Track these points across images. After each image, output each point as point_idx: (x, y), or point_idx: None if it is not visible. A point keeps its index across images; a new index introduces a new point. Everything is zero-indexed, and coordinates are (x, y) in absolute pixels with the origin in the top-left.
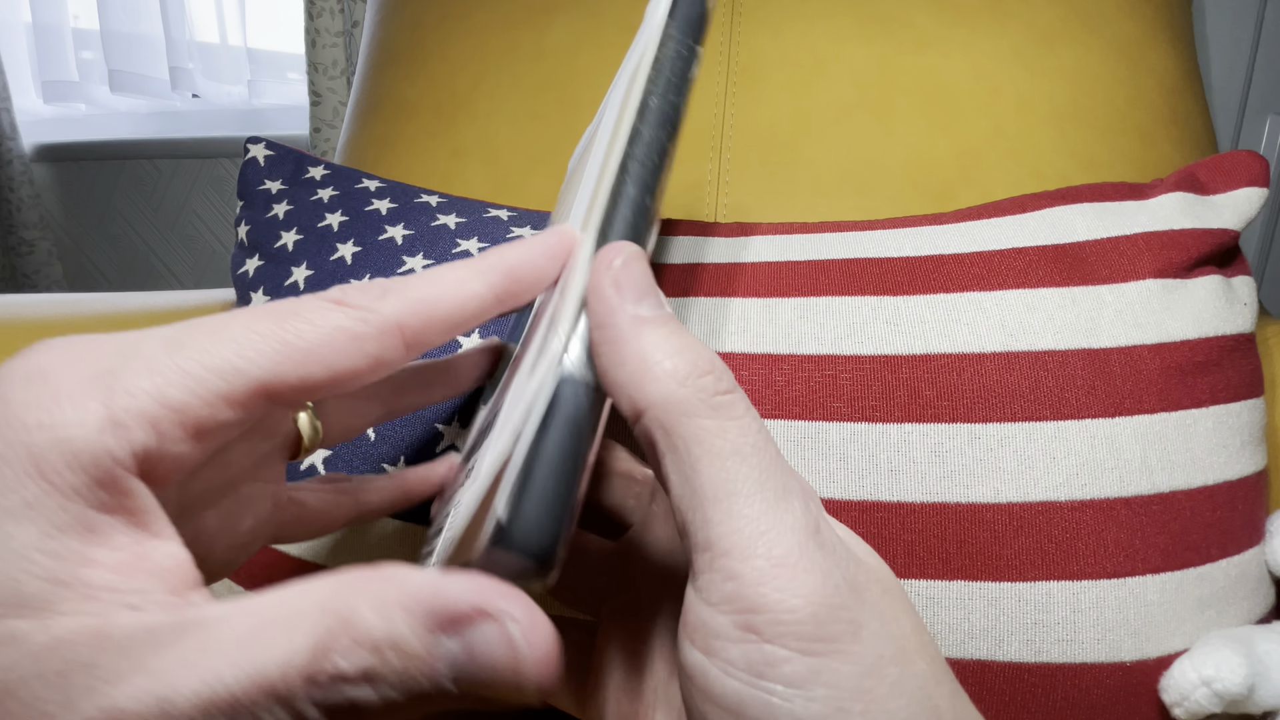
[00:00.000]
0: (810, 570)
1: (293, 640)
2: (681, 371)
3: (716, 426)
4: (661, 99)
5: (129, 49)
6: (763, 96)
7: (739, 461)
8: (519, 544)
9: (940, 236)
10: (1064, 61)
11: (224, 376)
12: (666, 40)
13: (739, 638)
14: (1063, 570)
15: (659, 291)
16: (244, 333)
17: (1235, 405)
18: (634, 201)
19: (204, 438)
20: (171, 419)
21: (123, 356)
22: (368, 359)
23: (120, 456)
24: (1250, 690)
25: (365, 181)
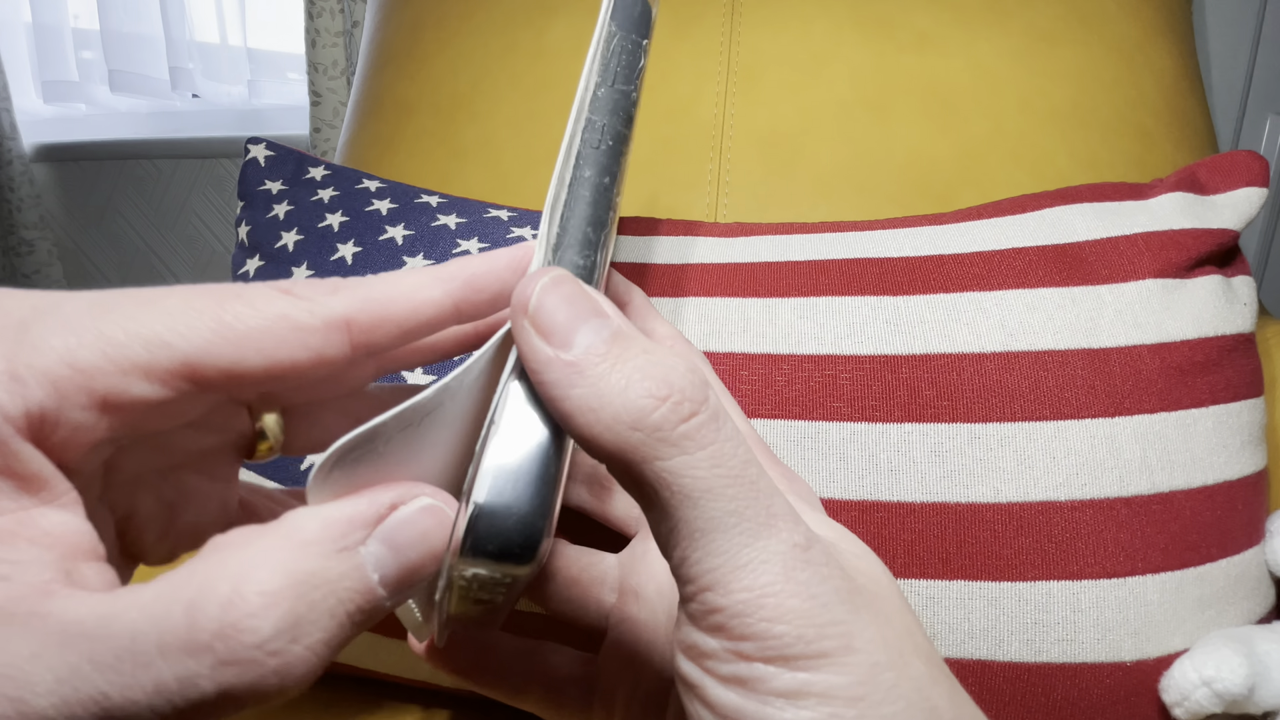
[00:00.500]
0: (795, 594)
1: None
2: (632, 413)
3: (683, 464)
4: (610, 89)
5: (129, 49)
6: (763, 96)
7: (712, 499)
8: (499, 529)
9: (940, 236)
10: (1064, 61)
11: (146, 346)
12: (610, 38)
13: (729, 659)
14: (1063, 570)
15: (594, 304)
16: (179, 306)
17: (1235, 405)
18: (592, 184)
19: (114, 411)
20: (76, 381)
21: (39, 311)
22: (309, 352)
23: (11, 414)
24: (1250, 690)
25: (365, 182)
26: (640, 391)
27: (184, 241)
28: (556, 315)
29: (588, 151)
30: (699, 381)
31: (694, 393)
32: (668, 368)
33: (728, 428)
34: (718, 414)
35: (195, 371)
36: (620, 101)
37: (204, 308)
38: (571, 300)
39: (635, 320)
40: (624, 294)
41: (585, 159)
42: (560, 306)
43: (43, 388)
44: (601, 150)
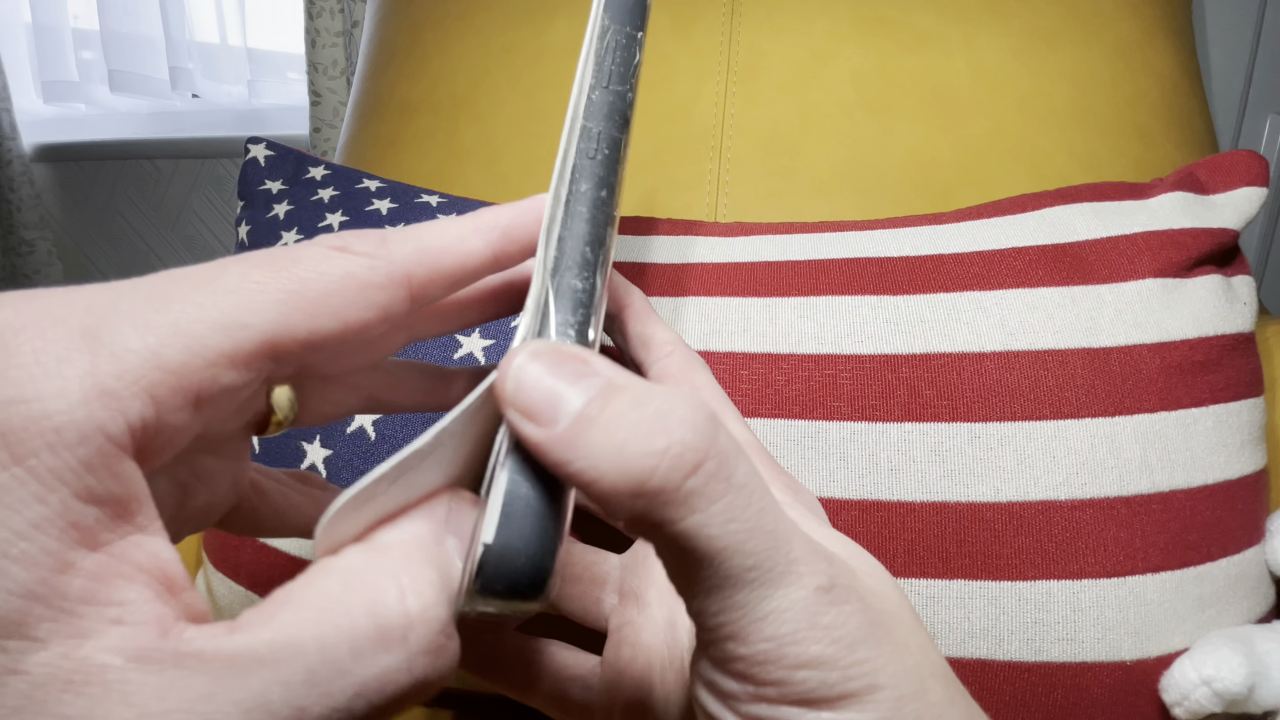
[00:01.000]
0: (819, 640)
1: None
2: (631, 480)
3: (695, 525)
4: (605, 90)
5: (129, 49)
6: (763, 96)
7: (728, 557)
8: (507, 569)
9: (940, 236)
10: (1064, 61)
11: (226, 332)
12: (604, 32)
13: (752, 701)
14: (1063, 569)
15: (575, 366)
16: (241, 282)
17: (1235, 405)
18: (589, 199)
19: (205, 406)
20: (169, 384)
21: (100, 314)
22: (377, 310)
23: (114, 432)
24: (1250, 690)
25: (366, 182)
26: (637, 452)
27: (184, 241)
28: (536, 394)
29: (583, 163)
30: (701, 421)
31: (697, 439)
32: (664, 416)
33: (740, 470)
34: (726, 457)
35: (276, 347)
36: (616, 104)
37: (266, 279)
38: (551, 369)
39: (634, 324)
40: (623, 296)
41: (581, 171)
42: (538, 384)
43: (139, 398)
44: (598, 160)
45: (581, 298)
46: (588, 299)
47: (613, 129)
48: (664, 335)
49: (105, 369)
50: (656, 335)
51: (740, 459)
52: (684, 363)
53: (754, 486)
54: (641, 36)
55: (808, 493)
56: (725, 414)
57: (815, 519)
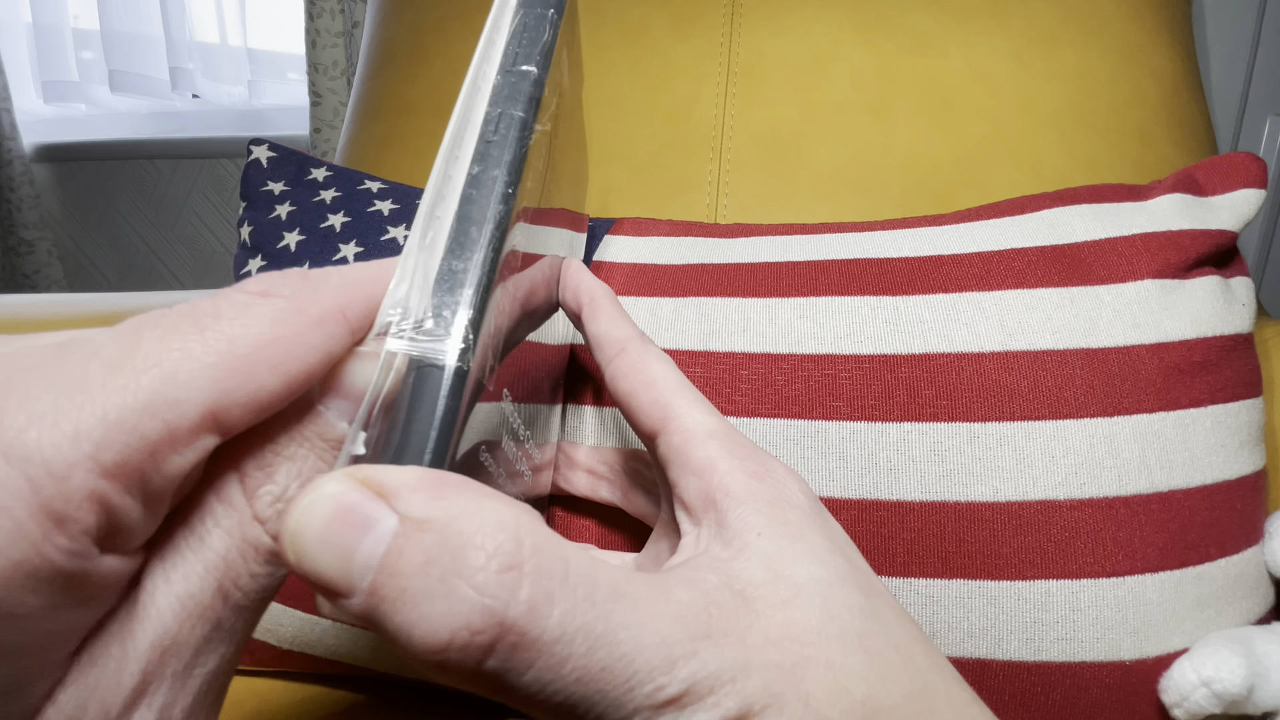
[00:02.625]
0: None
1: None
2: (435, 656)
3: (508, 698)
4: (506, 73)
5: (129, 49)
6: (763, 97)
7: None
8: None
9: (939, 237)
10: (1064, 63)
11: (158, 415)
12: (512, 14)
13: None
14: (1061, 569)
15: (361, 514)
16: (163, 352)
17: (1233, 405)
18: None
19: (156, 493)
20: (116, 486)
21: (14, 421)
22: (318, 353)
23: (71, 568)
24: (1249, 691)
25: (367, 183)
26: (426, 638)
27: (184, 241)
28: (322, 563)
29: (481, 146)
30: (493, 584)
31: (483, 619)
32: (449, 591)
33: (555, 618)
34: (532, 618)
35: (219, 417)
36: (519, 84)
37: (191, 344)
38: (336, 526)
39: (589, 324)
40: (581, 296)
41: (480, 156)
42: (320, 554)
43: (91, 513)
44: (496, 143)
45: (457, 279)
46: (461, 279)
47: (515, 109)
48: (617, 333)
49: (48, 492)
50: (609, 334)
51: (557, 600)
52: (634, 362)
53: (576, 628)
54: (554, 16)
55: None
56: (683, 407)
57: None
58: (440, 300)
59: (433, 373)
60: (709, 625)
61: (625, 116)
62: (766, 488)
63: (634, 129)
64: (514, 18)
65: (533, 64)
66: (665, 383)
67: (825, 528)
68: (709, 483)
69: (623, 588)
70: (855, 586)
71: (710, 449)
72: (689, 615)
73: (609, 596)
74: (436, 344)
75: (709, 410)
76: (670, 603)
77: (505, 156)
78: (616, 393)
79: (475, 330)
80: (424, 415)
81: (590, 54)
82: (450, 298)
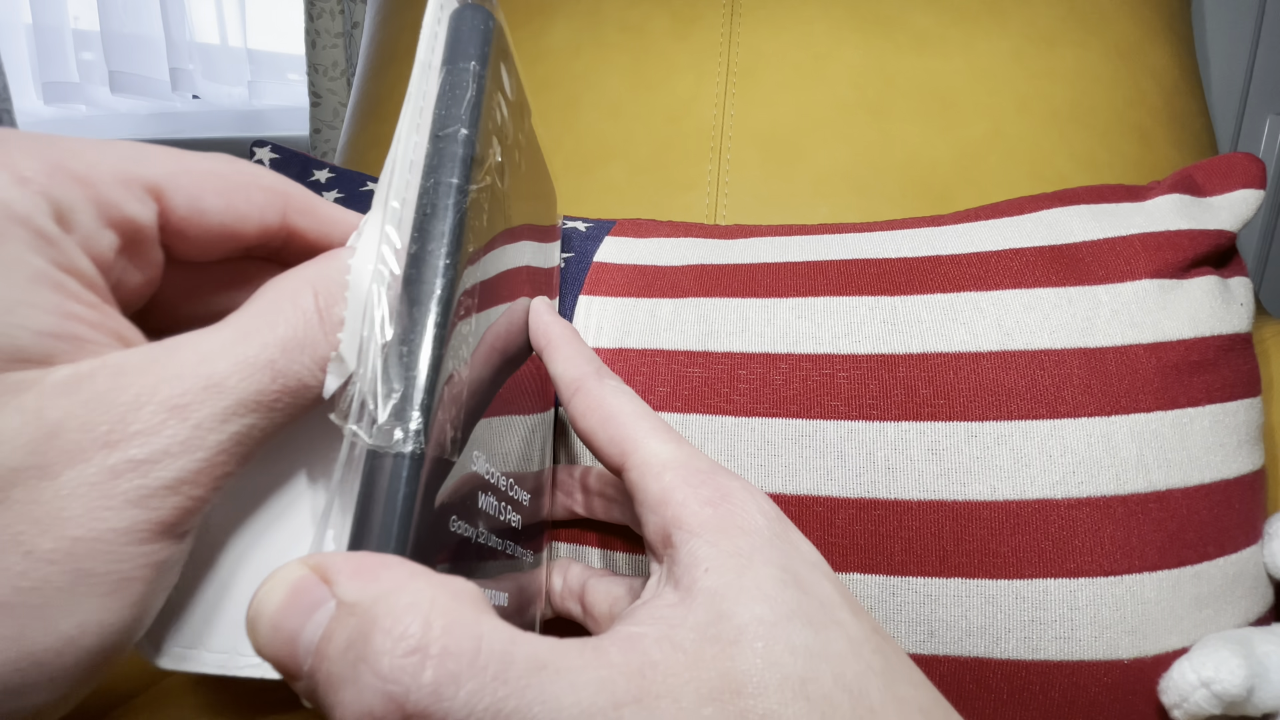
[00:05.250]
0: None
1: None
2: None
3: None
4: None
5: (129, 50)
6: (762, 97)
7: None
8: None
9: (938, 237)
10: (1063, 62)
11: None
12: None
13: None
14: (1059, 568)
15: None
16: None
17: (1231, 404)
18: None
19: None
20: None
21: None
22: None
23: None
24: (1249, 692)
25: (369, 184)
26: (352, 707)
27: None
28: (274, 648)
29: (419, 220)
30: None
31: (387, 709)
32: (361, 687)
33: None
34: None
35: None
36: (449, 149)
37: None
38: (287, 610)
39: (548, 365)
40: (539, 339)
41: (418, 231)
42: (273, 635)
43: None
44: (432, 215)
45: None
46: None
47: (448, 176)
48: (573, 372)
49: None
50: (565, 374)
51: (463, 680)
52: (589, 400)
53: (484, 708)
54: (476, 68)
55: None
56: (639, 439)
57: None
58: (390, 387)
59: (387, 461)
60: (640, 688)
61: (625, 116)
62: (720, 515)
63: (634, 129)
64: (440, 77)
65: (461, 124)
66: (621, 415)
67: (782, 551)
68: (664, 517)
69: (544, 659)
70: (803, 623)
71: (666, 480)
72: (619, 679)
73: (526, 671)
74: (390, 432)
75: (667, 437)
76: (600, 668)
77: (443, 228)
78: (579, 432)
79: (427, 413)
80: (380, 503)
81: (590, 54)
82: (399, 383)
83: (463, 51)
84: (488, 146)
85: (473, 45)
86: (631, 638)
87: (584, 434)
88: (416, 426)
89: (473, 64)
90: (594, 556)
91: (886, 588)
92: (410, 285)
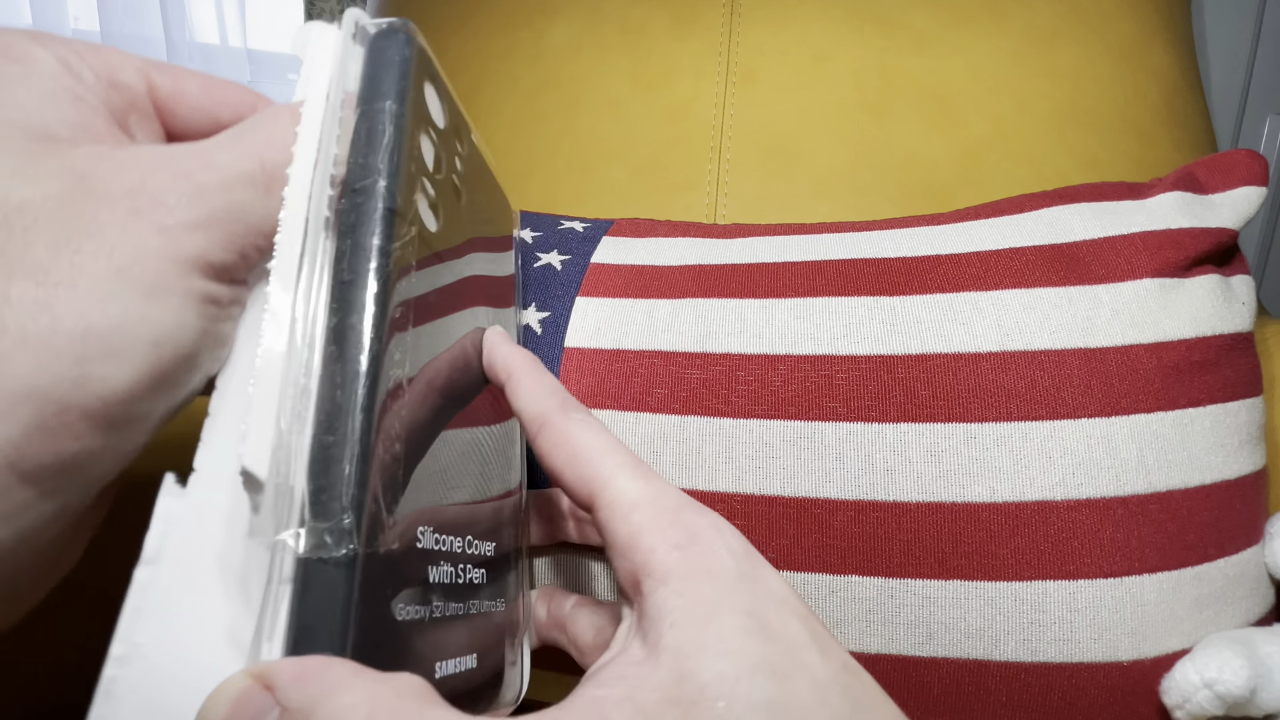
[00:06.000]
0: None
1: None
2: None
3: None
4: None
5: (129, 50)
6: (762, 97)
7: None
8: None
9: (937, 237)
10: (1063, 62)
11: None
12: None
13: None
14: (1059, 569)
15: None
16: None
17: (1233, 404)
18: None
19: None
20: None
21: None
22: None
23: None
24: (1252, 693)
25: None
26: None
27: None
28: None
29: (337, 290)
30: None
31: None
32: None
33: None
34: None
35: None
36: (365, 205)
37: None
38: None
39: (511, 399)
40: (499, 375)
41: (337, 303)
42: None
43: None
44: (350, 283)
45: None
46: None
47: (366, 237)
48: (536, 408)
49: None
50: (528, 410)
51: None
52: (554, 437)
53: None
54: (393, 107)
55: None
56: (607, 478)
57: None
58: (318, 485)
59: (319, 568)
60: None
61: (624, 116)
62: (688, 559)
63: (633, 129)
64: (353, 120)
65: (379, 175)
66: (588, 453)
67: (750, 594)
68: (633, 562)
69: None
70: (766, 675)
71: (634, 522)
72: None
73: None
74: (319, 535)
75: (635, 473)
76: None
77: (364, 297)
78: (546, 470)
79: (359, 509)
80: (316, 612)
81: (590, 54)
82: (326, 480)
83: (378, 89)
84: (412, 192)
85: (389, 81)
86: (594, 702)
87: (551, 472)
88: (348, 526)
89: (388, 103)
90: (596, 569)
91: (885, 590)
92: (330, 364)
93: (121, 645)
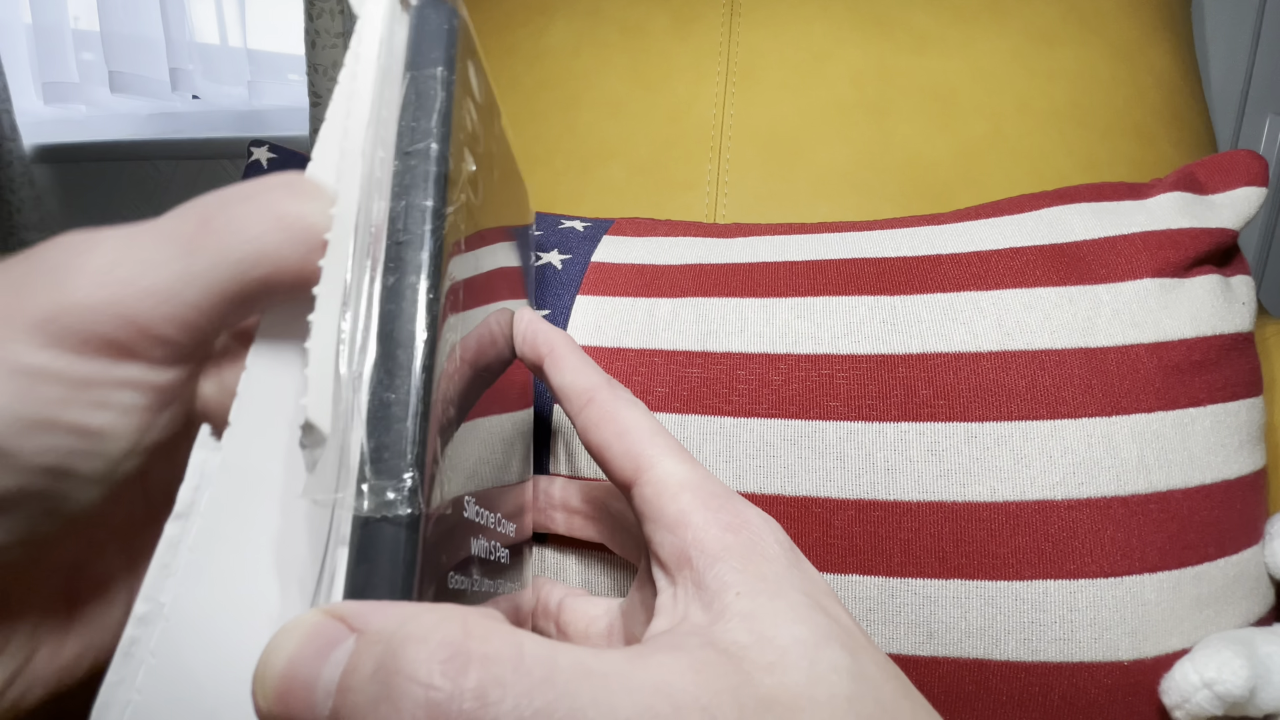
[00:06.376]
0: None
1: None
2: None
3: None
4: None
5: (129, 50)
6: (762, 97)
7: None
8: None
9: (937, 236)
10: (1063, 62)
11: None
12: (399, 81)
13: None
14: (1059, 569)
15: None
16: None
17: (1233, 404)
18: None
19: None
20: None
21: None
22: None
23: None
24: (1252, 693)
25: None
26: None
27: None
28: (289, 702)
29: (393, 250)
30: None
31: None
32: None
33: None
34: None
35: None
36: (420, 167)
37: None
38: (305, 653)
39: (552, 376)
40: (540, 347)
41: (392, 262)
42: (284, 688)
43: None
44: (407, 243)
45: (397, 412)
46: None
47: (421, 198)
48: (583, 383)
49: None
50: (574, 385)
51: (509, 684)
52: (603, 411)
53: (533, 712)
54: (444, 73)
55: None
56: (655, 456)
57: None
58: (379, 442)
59: (383, 527)
60: (698, 693)
61: (625, 116)
62: (742, 541)
63: (633, 128)
64: (402, 85)
65: (432, 138)
66: (637, 431)
67: (803, 580)
68: (683, 539)
69: (590, 665)
70: (840, 645)
71: (683, 501)
72: (675, 683)
73: (573, 676)
74: (381, 494)
75: (682, 457)
76: (651, 671)
77: (421, 258)
78: (588, 445)
79: (421, 468)
80: (382, 573)
81: (590, 53)
82: (388, 437)
83: (428, 56)
84: (460, 160)
85: (438, 48)
86: (676, 646)
87: (595, 446)
88: (412, 485)
89: (440, 69)
90: (571, 566)
91: (885, 589)
92: (389, 323)
93: (145, 604)
